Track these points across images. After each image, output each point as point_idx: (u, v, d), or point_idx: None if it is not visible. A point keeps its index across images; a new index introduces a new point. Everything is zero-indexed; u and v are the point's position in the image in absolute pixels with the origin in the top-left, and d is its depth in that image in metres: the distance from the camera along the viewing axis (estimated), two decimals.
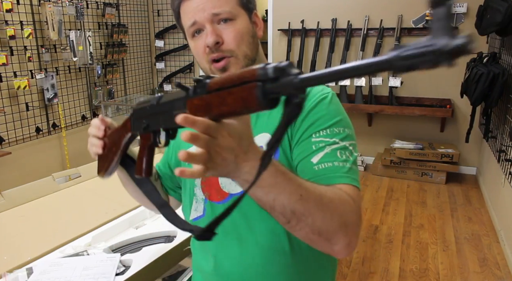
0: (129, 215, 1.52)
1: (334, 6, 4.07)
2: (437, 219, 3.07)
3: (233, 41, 0.77)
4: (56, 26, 3.39)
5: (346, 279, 2.36)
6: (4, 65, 2.99)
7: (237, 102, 0.46)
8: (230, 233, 0.84)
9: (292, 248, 0.83)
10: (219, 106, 0.48)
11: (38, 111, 3.46)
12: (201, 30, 0.78)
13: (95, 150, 0.83)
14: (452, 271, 2.42)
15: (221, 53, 0.77)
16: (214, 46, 0.76)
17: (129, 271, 1.18)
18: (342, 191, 0.68)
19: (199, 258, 0.95)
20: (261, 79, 0.44)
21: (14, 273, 1.18)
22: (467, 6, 3.63)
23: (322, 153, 0.73)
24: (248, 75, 0.46)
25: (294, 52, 4.26)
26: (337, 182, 0.70)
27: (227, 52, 0.77)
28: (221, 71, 0.78)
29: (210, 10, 0.76)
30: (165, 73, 4.88)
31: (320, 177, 0.70)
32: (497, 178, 3.01)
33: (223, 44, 0.77)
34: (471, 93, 3.00)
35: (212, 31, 0.76)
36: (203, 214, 0.87)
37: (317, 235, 0.62)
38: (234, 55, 0.78)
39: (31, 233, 1.43)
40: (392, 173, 3.88)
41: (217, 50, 0.77)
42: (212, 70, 0.80)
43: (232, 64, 0.78)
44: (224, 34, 0.77)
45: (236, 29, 0.78)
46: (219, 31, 0.77)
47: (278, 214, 0.60)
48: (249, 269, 0.85)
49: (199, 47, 0.79)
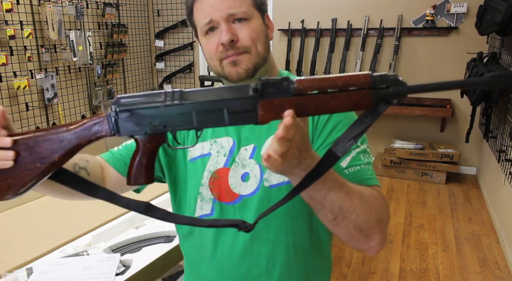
0: (129, 215, 1.52)
1: (334, 6, 4.07)
2: (437, 219, 3.07)
3: (247, 38, 0.78)
4: (56, 26, 3.39)
5: (346, 279, 2.36)
6: (4, 65, 2.99)
7: (345, 104, 0.54)
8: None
9: (294, 246, 0.85)
10: (317, 107, 0.54)
11: (38, 111, 3.46)
12: (215, 28, 0.79)
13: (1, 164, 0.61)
14: (452, 271, 2.42)
15: (235, 51, 0.77)
16: (229, 44, 0.76)
17: (129, 271, 1.18)
18: (374, 191, 0.75)
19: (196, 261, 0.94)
20: (374, 87, 0.53)
21: (14, 273, 1.18)
22: (467, 6, 3.63)
23: (349, 157, 0.78)
24: (355, 81, 0.53)
25: (294, 52, 4.26)
26: (370, 184, 0.77)
27: (241, 48, 0.78)
28: (232, 65, 0.78)
29: (226, 10, 0.76)
30: (165, 73, 4.89)
31: (350, 180, 0.74)
32: (497, 178, 3.01)
33: (237, 42, 0.77)
34: (471, 93, 3.00)
35: (228, 29, 0.76)
36: (211, 213, 0.87)
37: (358, 231, 0.68)
38: (248, 51, 0.78)
39: (31, 233, 1.43)
40: (392, 173, 3.88)
41: (232, 48, 0.77)
42: (223, 66, 0.79)
43: (243, 59, 0.78)
44: (239, 32, 0.77)
45: (251, 28, 0.78)
46: (234, 29, 0.77)
47: (327, 211, 0.65)
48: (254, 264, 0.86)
49: (212, 45, 0.79)
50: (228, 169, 0.86)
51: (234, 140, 0.86)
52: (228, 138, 0.87)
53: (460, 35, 3.73)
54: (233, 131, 0.87)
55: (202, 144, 0.89)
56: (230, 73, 0.79)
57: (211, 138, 0.88)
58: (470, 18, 3.62)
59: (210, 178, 0.87)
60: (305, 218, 0.86)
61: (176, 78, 4.88)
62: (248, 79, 0.80)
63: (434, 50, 3.85)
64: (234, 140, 0.86)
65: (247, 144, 0.86)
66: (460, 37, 3.74)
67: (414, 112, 3.79)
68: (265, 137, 0.85)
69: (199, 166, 0.88)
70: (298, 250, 0.86)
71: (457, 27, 3.72)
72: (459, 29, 3.72)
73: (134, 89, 4.65)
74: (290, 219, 0.84)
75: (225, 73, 0.80)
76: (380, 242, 0.71)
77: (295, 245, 0.85)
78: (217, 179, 0.86)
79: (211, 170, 0.87)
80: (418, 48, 3.90)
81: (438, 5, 3.73)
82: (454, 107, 3.83)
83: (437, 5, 3.73)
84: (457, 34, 3.75)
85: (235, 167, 0.85)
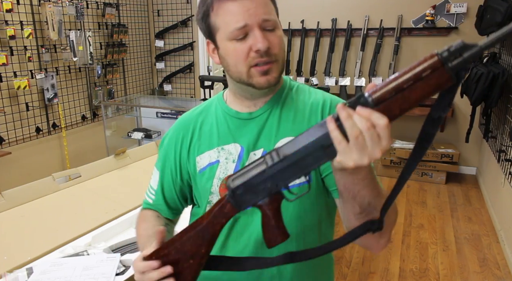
0: (129, 215, 1.52)
1: (334, 6, 4.07)
2: (437, 219, 3.07)
3: (278, 46, 0.79)
4: (56, 26, 3.39)
5: (346, 279, 2.36)
6: (4, 65, 2.99)
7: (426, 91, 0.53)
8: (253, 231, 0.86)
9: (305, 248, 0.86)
10: (401, 106, 0.55)
11: (38, 111, 3.46)
12: (246, 34, 0.77)
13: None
14: (452, 271, 2.42)
15: (268, 58, 0.78)
16: (266, 51, 0.77)
17: (129, 271, 1.18)
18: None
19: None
20: (445, 62, 0.52)
21: (14, 273, 1.18)
22: (467, 6, 3.63)
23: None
24: (424, 68, 0.53)
25: (294, 52, 4.26)
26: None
27: (273, 56, 0.79)
28: (263, 74, 0.79)
29: (261, 16, 0.76)
30: (165, 73, 4.89)
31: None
32: (497, 178, 3.01)
33: (270, 48, 0.78)
34: (471, 93, 3.00)
35: (264, 37, 0.77)
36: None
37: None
38: (278, 59, 0.80)
39: (31, 233, 1.43)
40: (392, 173, 3.89)
41: (266, 55, 0.78)
42: (251, 74, 0.79)
43: (274, 68, 0.80)
44: (270, 40, 0.78)
45: (279, 36, 0.80)
46: (267, 36, 0.78)
47: (356, 203, 0.68)
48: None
49: (242, 50, 0.78)
50: None
51: (242, 146, 0.87)
52: (236, 145, 0.87)
53: (460, 35, 3.73)
54: (240, 137, 0.87)
55: (209, 152, 0.89)
56: (259, 82, 0.80)
57: (218, 146, 0.89)
58: (470, 18, 3.62)
59: (221, 185, 0.87)
60: (315, 221, 0.87)
61: (176, 78, 4.88)
62: (274, 86, 0.83)
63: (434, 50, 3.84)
64: (242, 146, 0.87)
65: (256, 148, 0.86)
66: (460, 37, 3.74)
67: (414, 112, 3.75)
68: (274, 141, 0.85)
69: (208, 175, 0.88)
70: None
71: (457, 27, 3.72)
72: (459, 29, 3.72)
73: (134, 89, 4.65)
74: (301, 221, 0.85)
75: (252, 81, 0.80)
76: (387, 241, 0.76)
77: (305, 247, 0.86)
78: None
79: (221, 177, 0.87)
80: (418, 48, 3.90)
81: (438, 5, 3.73)
82: (454, 107, 3.83)
83: (437, 5, 3.73)
84: (457, 34, 3.75)
85: None
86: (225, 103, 0.91)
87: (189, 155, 0.92)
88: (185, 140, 0.93)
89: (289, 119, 0.86)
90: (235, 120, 0.89)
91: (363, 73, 4.02)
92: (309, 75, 4.18)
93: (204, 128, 0.92)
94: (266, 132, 0.86)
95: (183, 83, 4.89)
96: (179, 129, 0.95)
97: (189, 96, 4.88)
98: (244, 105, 0.88)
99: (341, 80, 4.02)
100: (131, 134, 3.88)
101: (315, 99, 0.88)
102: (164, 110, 3.88)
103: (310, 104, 0.88)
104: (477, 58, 0.59)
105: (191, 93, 4.89)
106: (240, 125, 0.88)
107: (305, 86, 0.93)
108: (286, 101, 0.88)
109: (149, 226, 0.91)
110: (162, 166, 0.96)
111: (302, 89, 0.92)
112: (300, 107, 0.88)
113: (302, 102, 0.88)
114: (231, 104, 0.90)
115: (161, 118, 3.87)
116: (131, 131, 3.93)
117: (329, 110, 0.86)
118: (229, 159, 0.87)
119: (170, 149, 0.95)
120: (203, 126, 0.92)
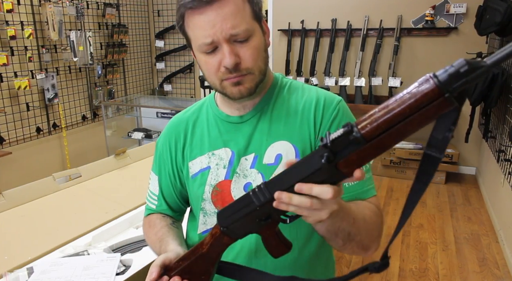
0: (129, 215, 1.52)
1: (334, 6, 4.07)
2: (437, 219, 3.07)
3: (250, 59, 0.75)
4: (56, 26, 3.40)
5: None
6: (5, 65, 3.00)
7: (423, 121, 0.50)
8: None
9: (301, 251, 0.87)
10: (396, 139, 0.52)
11: (38, 111, 3.47)
12: (216, 47, 0.74)
13: None
14: (452, 271, 2.42)
15: (238, 73, 0.75)
16: (233, 67, 0.74)
17: (130, 271, 1.19)
18: (372, 205, 0.80)
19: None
20: (446, 91, 0.47)
21: (14, 272, 1.19)
22: (466, 6, 3.63)
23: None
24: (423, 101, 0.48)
25: (294, 52, 4.27)
26: (367, 197, 0.81)
27: (244, 70, 0.75)
28: (235, 85, 0.77)
29: (228, 31, 0.72)
30: (165, 73, 4.89)
31: (352, 193, 0.80)
32: (496, 178, 3.01)
33: (240, 63, 0.74)
34: (471, 93, 3.01)
35: (231, 52, 0.73)
36: None
37: (360, 248, 0.74)
38: (252, 72, 0.76)
39: (31, 233, 1.43)
40: (392, 173, 3.89)
41: (235, 71, 0.74)
42: (223, 86, 0.77)
43: (247, 80, 0.77)
44: (241, 52, 0.74)
45: (253, 47, 0.75)
46: (236, 50, 0.74)
47: (339, 239, 0.69)
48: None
49: (212, 65, 0.75)
50: (229, 181, 0.85)
51: (232, 150, 0.85)
52: (226, 149, 0.86)
53: (460, 36, 3.74)
54: (231, 141, 0.86)
55: (200, 158, 0.88)
56: (232, 92, 0.78)
57: (209, 151, 0.87)
58: (469, 19, 3.62)
59: (212, 192, 0.86)
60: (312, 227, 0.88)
61: (176, 78, 4.88)
62: (249, 97, 0.80)
63: (434, 50, 3.86)
64: (233, 151, 0.85)
65: (247, 153, 0.84)
66: (460, 38, 3.74)
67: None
68: (265, 145, 0.84)
69: (200, 181, 0.88)
70: (305, 255, 0.87)
71: (457, 28, 3.72)
72: (459, 30, 3.72)
73: (134, 89, 4.66)
74: (299, 227, 0.85)
75: (226, 92, 0.78)
76: (375, 250, 0.78)
77: (305, 252, 0.87)
78: (220, 192, 0.86)
79: (212, 183, 0.86)
80: (417, 48, 3.90)
81: (437, 5, 3.73)
82: None
83: (437, 5, 3.73)
84: (456, 35, 3.76)
85: (236, 178, 0.84)
86: (216, 105, 0.90)
87: (184, 159, 0.91)
88: (179, 144, 0.92)
89: (280, 121, 0.84)
90: (226, 124, 0.87)
91: (363, 73, 4.02)
92: (309, 75, 4.19)
93: (195, 131, 0.91)
94: (257, 136, 0.84)
95: (183, 83, 4.90)
96: (171, 132, 0.93)
97: (189, 96, 4.89)
98: (233, 107, 0.86)
99: (341, 80, 4.02)
100: (131, 134, 3.88)
101: (308, 98, 0.85)
102: (164, 110, 3.89)
103: (302, 103, 0.85)
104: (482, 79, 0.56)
105: (191, 93, 4.89)
106: (230, 129, 0.87)
107: (298, 83, 0.91)
108: (277, 101, 0.86)
109: (158, 230, 0.90)
110: (159, 171, 0.96)
111: (295, 87, 0.89)
112: (292, 108, 0.85)
113: (295, 102, 0.86)
114: (221, 106, 0.89)
115: (161, 118, 3.88)
116: (131, 131, 3.94)
117: (322, 110, 0.83)
118: (219, 165, 0.86)
119: (165, 153, 0.94)
120: (195, 128, 0.91)
